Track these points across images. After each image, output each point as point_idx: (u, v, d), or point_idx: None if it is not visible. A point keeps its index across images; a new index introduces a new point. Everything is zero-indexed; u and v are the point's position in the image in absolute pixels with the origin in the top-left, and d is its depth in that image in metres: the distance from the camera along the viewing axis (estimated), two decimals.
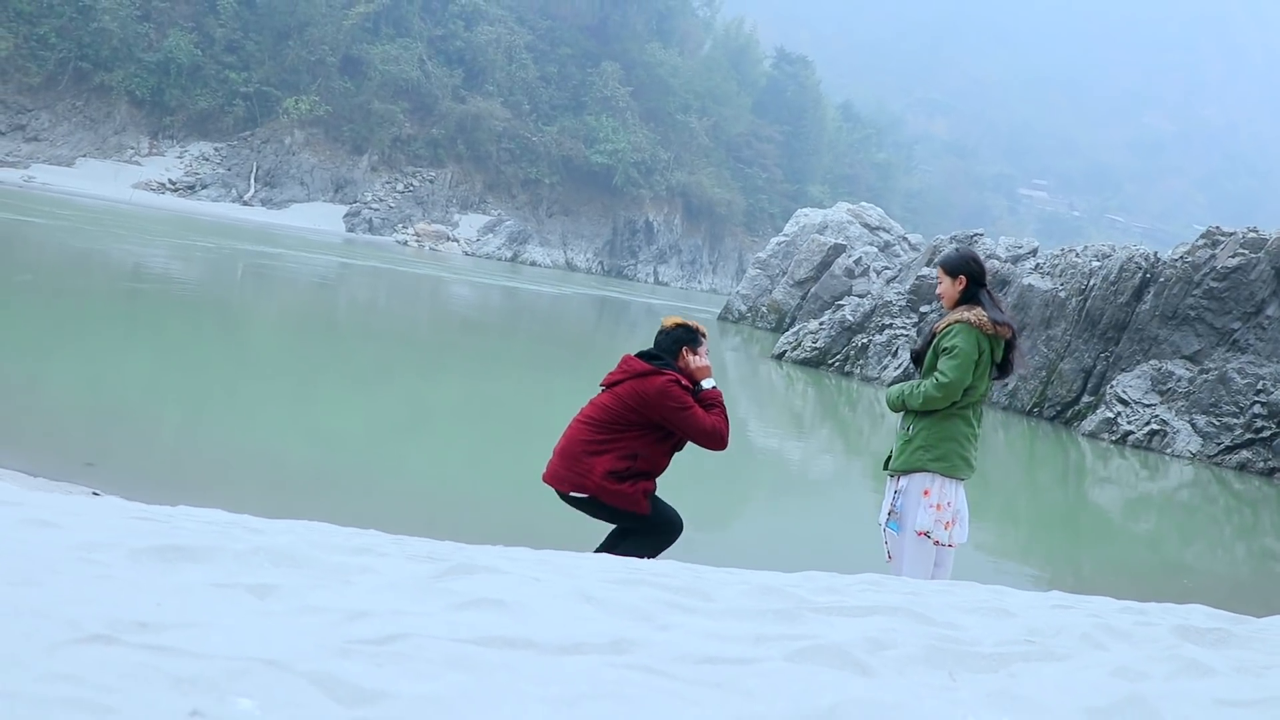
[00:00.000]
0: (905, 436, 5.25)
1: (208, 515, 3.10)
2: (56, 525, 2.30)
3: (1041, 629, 2.37)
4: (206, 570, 2.10)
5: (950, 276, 5.39)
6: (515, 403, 16.05)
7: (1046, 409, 22.52)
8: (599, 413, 5.47)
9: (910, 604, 2.49)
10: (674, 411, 5.32)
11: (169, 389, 12.27)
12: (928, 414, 5.20)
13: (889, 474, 5.36)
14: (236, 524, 2.94)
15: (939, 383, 5.09)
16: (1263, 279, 20.00)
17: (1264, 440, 18.62)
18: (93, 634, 1.54)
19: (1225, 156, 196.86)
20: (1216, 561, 13.14)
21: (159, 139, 67.18)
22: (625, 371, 5.54)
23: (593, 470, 5.32)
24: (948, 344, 5.16)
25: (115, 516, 2.73)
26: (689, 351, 5.59)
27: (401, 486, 9.44)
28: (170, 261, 30.05)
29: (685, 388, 5.41)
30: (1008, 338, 5.32)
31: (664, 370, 5.43)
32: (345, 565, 2.31)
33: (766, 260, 44.07)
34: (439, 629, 1.81)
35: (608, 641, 1.85)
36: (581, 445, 5.42)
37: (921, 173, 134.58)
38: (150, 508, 3.12)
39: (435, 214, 73.23)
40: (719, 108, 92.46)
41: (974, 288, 5.35)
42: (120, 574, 1.96)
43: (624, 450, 5.34)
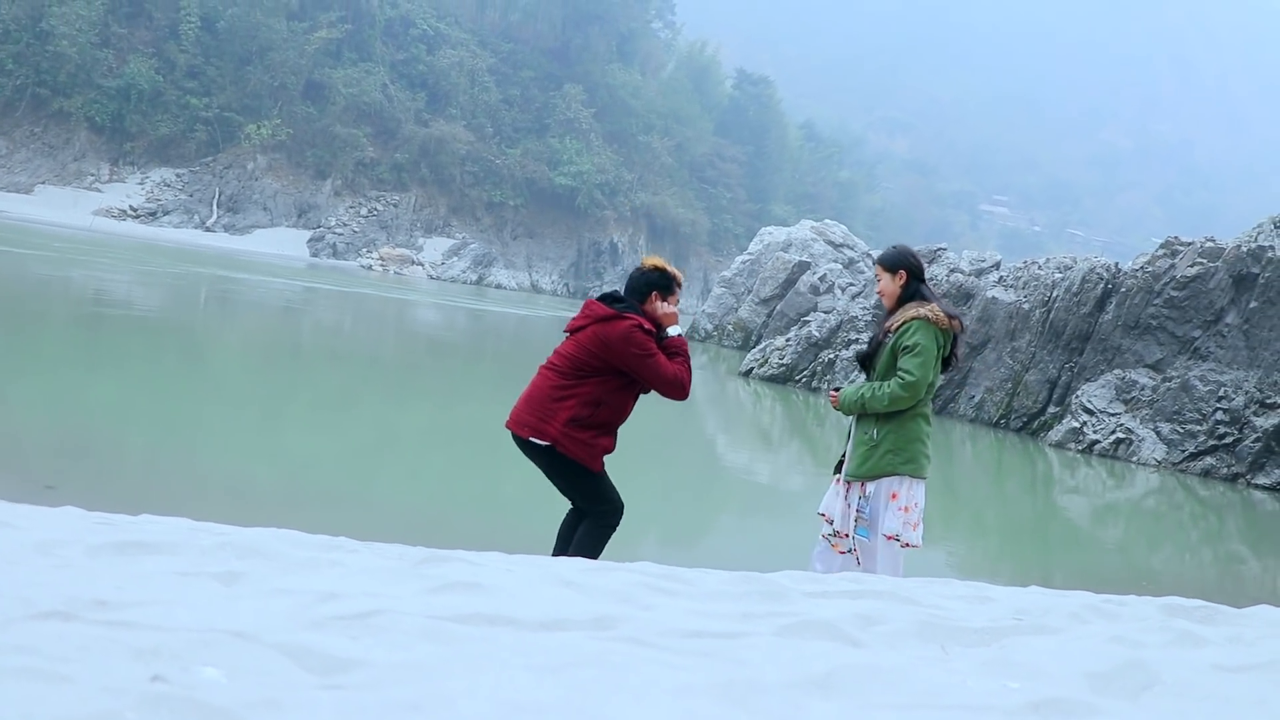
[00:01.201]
0: (869, 441, 5.13)
1: (172, 521, 3.01)
2: (13, 526, 2.22)
3: (1029, 609, 2.34)
4: (169, 561, 2.02)
5: (890, 273, 5.33)
6: (482, 425, 15.94)
7: (1013, 420, 22.66)
8: (562, 360, 5.35)
9: (895, 590, 2.45)
10: (636, 359, 5.17)
11: (132, 413, 12.08)
12: (891, 416, 5.09)
13: (849, 479, 5.24)
14: (201, 529, 2.85)
15: (905, 382, 5.00)
16: (1221, 287, 20.25)
17: (1227, 446, 18.81)
18: (49, 610, 1.46)
19: (1181, 171, 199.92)
20: (1184, 566, 13.23)
21: (120, 165, 66.52)
22: (588, 316, 5.40)
23: (555, 416, 5.20)
24: (909, 342, 5.07)
25: (75, 520, 2.64)
26: (658, 296, 5.45)
27: (370, 507, 9.32)
28: (133, 288, 29.70)
29: (649, 333, 5.27)
30: (958, 331, 5.29)
31: (627, 315, 5.28)
32: (315, 559, 2.24)
33: (732, 279, 44.18)
34: (415, 607, 1.74)
35: (590, 619, 1.79)
36: (546, 392, 5.31)
37: (883, 190, 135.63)
38: (111, 515, 3.02)
39: (399, 238, 72.92)
40: (682, 128, 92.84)
41: (914, 282, 5.31)
42: (79, 564, 1.88)
43: (586, 396, 5.21)
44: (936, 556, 12.32)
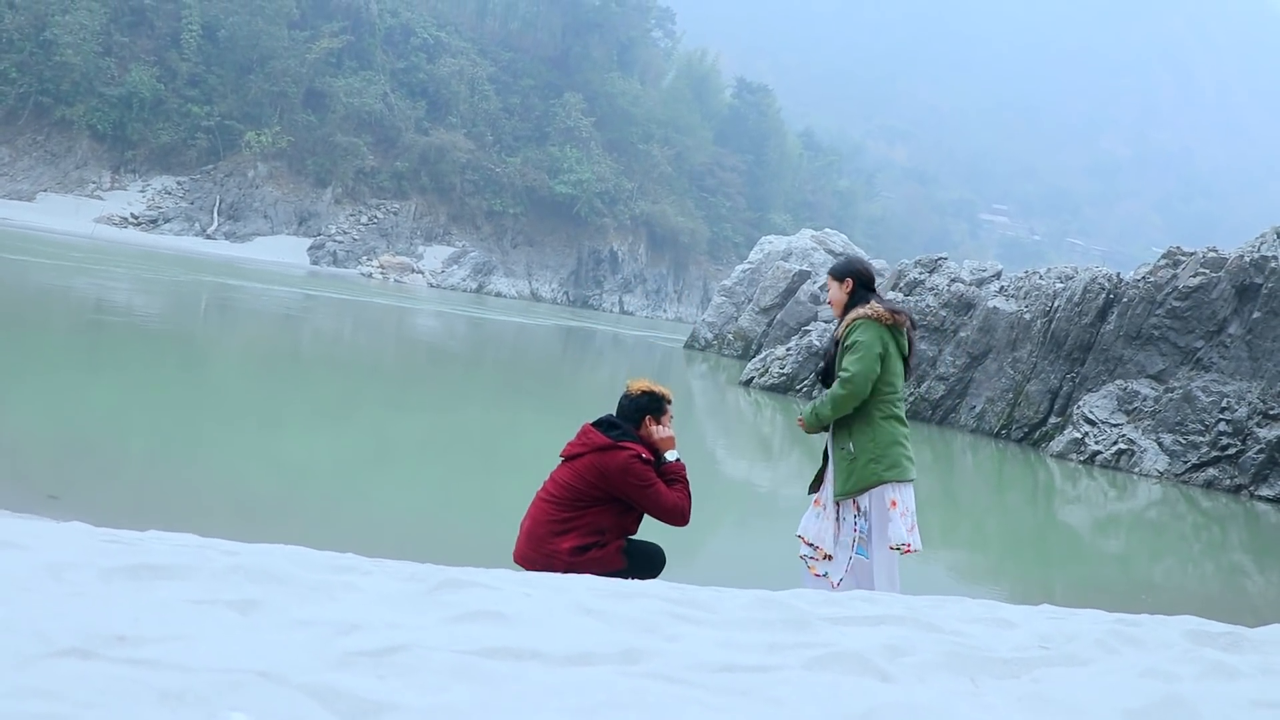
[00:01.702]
0: (848, 456, 5.04)
1: (179, 539, 2.98)
2: (22, 546, 2.18)
3: (1052, 635, 2.31)
4: (183, 586, 1.99)
5: (838, 281, 5.31)
6: (483, 434, 15.90)
7: (1014, 431, 22.62)
8: (560, 490, 5.29)
9: (913, 614, 2.42)
10: (636, 489, 5.13)
11: (134, 422, 12.04)
12: (863, 425, 5.01)
13: (839, 499, 5.13)
14: (210, 546, 2.82)
15: (842, 379, 4.95)
16: (1224, 298, 20.23)
17: (1230, 458, 18.77)
18: (67, 648, 1.43)
19: (1180, 180, 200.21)
20: (1187, 578, 13.18)
21: (121, 173, 66.66)
22: (585, 445, 5.33)
23: (559, 551, 5.15)
24: (849, 340, 5.04)
25: (83, 538, 2.61)
26: (652, 421, 5.39)
27: (372, 516, 9.28)
28: (133, 295, 29.68)
29: (647, 462, 5.22)
30: (906, 327, 5.20)
31: (625, 444, 5.23)
32: (329, 582, 2.21)
33: (732, 288, 44.19)
34: (439, 640, 1.71)
35: (617, 651, 1.76)
36: (546, 526, 5.24)
37: (883, 199, 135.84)
38: (118, 532, 2.99)
39: (399, 246, 73.00)
40: (681, 137, 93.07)
41: (862, 291, 5.26)
42: (93, 591, 1.85)
43: (589, 527, 5.17)
44: (938, 568, 12.29)
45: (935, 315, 25.28)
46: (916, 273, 27.13)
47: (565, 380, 27.34)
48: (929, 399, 24.33)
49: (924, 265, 27.57)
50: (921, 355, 24.87)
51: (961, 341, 24.50)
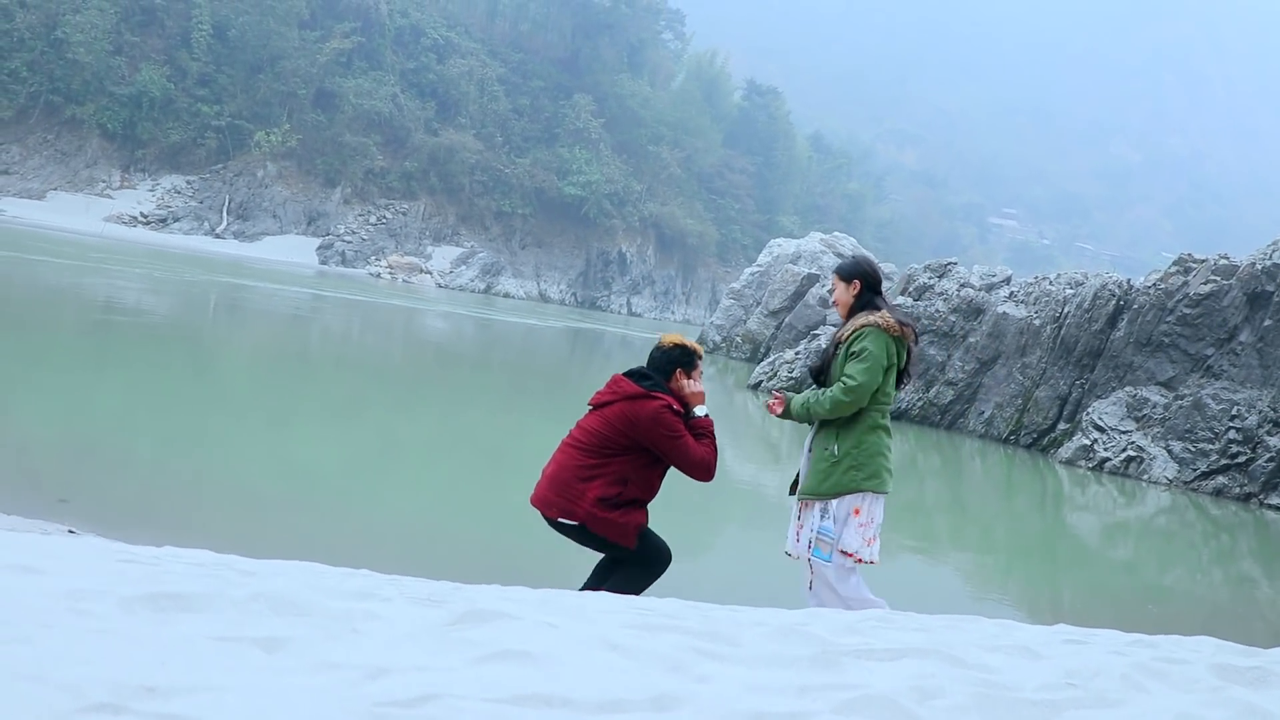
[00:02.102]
0: (830, 458, 4.98)
1: (194, 556, 2.97)
2: (40, 571, 2.17)
3: (1078, 670, 2.29)
4: (207, 621, 1.98)
5: (845, 282, 5.25)
6: (490, 436, 15.90)
7: (1023, 436, 22.56)
8: (587, 437, 5.27)
9: (934, 643, 2.40)
10: (665, 439, 5.12)
11: (143, 422, 12.07)
12: (850, 430, 4.98)
13: (805, 496, 5.08)
14: (226, 565, 2.81)
15: (847, 386, 4.88)
16: (1235, 305, 20.16)
17: (1239, 466, 18.70)
18: (98, 703, 1.42)
19: (1191, 184, 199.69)
20: (1195, 586, 13.14)
21: (131, 172, 66.86)
22: (615, 393, 5.32)
23: (583, 496, 5.12)
24: (856, 348, 4.97)
25: (99, 559, 2.60)
26: (682, 374, 5.39)
27: (380, 518, 9.28)
28: (143, 294, 29.75)
29: (677, 413, 5.21)
30: (911, 340, 5.14)
31: (656, 394, 5.22)
32: (350, 611, 2.19)
33: (740, 290, 44.14)
34: (468, 687, 1.70)
35: (648, 698, 1.74)
36: (571, 471, 5.22)
37: (892, 202, 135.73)
38: (134, 548, 2.98)
39: (408, 246, 73.08)
40: (691, 139, 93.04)
41: (868, 293, 5.19)
42: (116, 626, 1.83)
43: (614, 475, 5.14)
44: (948, 571, 12.27)
45: (944, 320, 25.22)
46: (926, 277, 27.07)
47: (573, 382, 27.33)
48: (938, 404, 24.29)
49: (933, 270, 27.51)
50: (930, 360, 24.83)
51: (970, 347, 24.45)
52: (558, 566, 8.48)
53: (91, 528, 6.70)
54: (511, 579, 8.36)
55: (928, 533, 14.73)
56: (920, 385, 24.77)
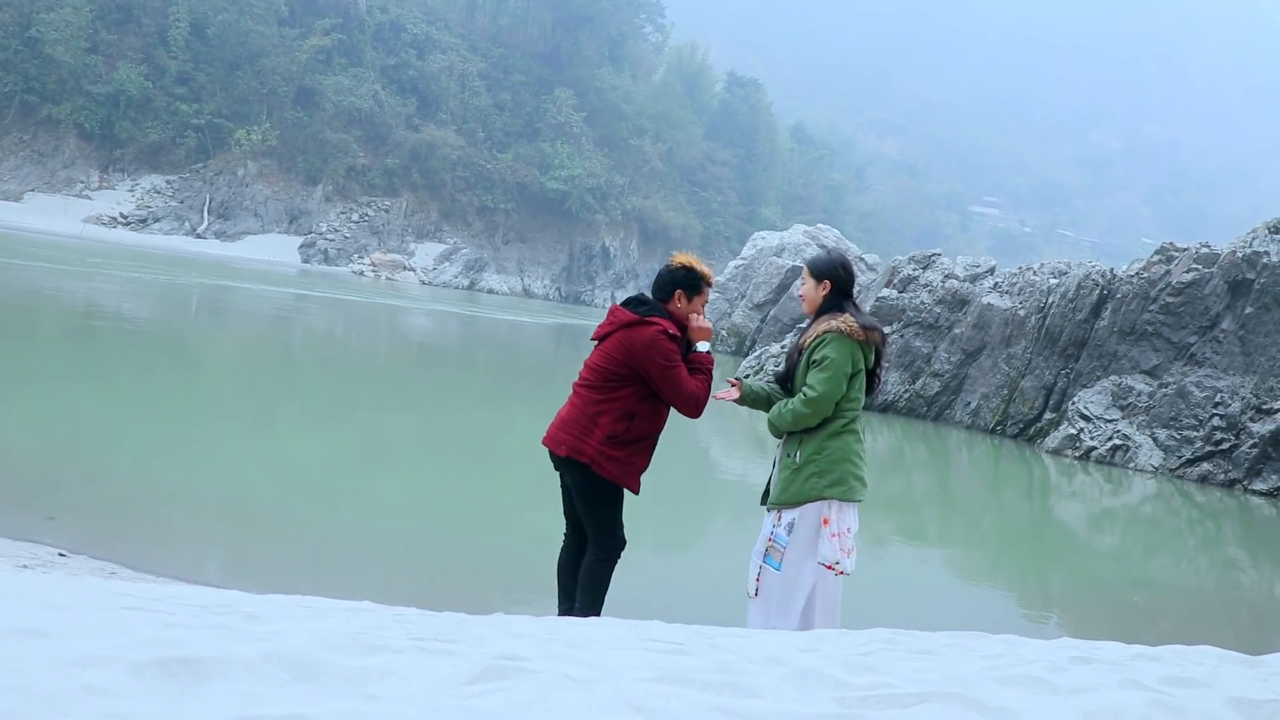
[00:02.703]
0: (792, 465, 4.82)
1: (197, 597, 2.91)
2: (45, 634, 2.11)
3: (1097, 712, 2.24)
4: (222, 697, 1.92)
5: (815, 279, 5.08)
6: (476, 435, 15.85)
7: (1009, 427, 22.63)
8: (592, 374, 5.17)
9: (949, 683, 2.35)
10: (659, 368, 4.95)
11: (126, 429, 11.98)
12: (813, 437, 4.80)
13: (771, 506, 4.93)
14: (230, 607, 2.75)
15: (808, 398, 4.72)
16: (1216, 293, 20.25)
17: (1224, 452, 18.80)
18: None
19: (1170, 172, 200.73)
20: (1181, 573, 13.21)
21: (109, 172, 66.35)
22: (612, 323, 5.17)
23: (591, 434, 5.04)
24: (818, 356, 4.81)
25: (102, 610, 2.53)
26: (683, 297, 5.18)
27: (371, 521, 9.23)
28: (124, 297, 29.55)
29: (675, 338, 5.04)
30: (878, 343, 4.96)
31: (652, 319, 5.06)
32: (364, 670, 2.13)
33: (725, 284, 44.14)
34: None
35: None
36: (580, 409, 5.14)
37: (874, 192, 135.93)
38: (134, 586, 2.92)
39: (391, 243, 72.84)
40: (673, 132, 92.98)
41: (838, 297, 5.02)
42: (128, 703, 1.77)
43: (620, 409, 5.03)
44: (934, 563, 12.30)
45: (929, 312, 25.26)
46: (910, 269, 27.10)
47: (559, 379, 27.27)
48: (924, 395, 24.33)
49: (917, 261, 27.54)
50: (916, 352, 24.87)
51: (956, 338, 24.50)
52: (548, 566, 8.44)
53: (81, 546, 6.65)
54: (501, 575, 8.33)
55: (916, 524, 14.76)
56: (906, 377, 24.81)
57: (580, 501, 5.17)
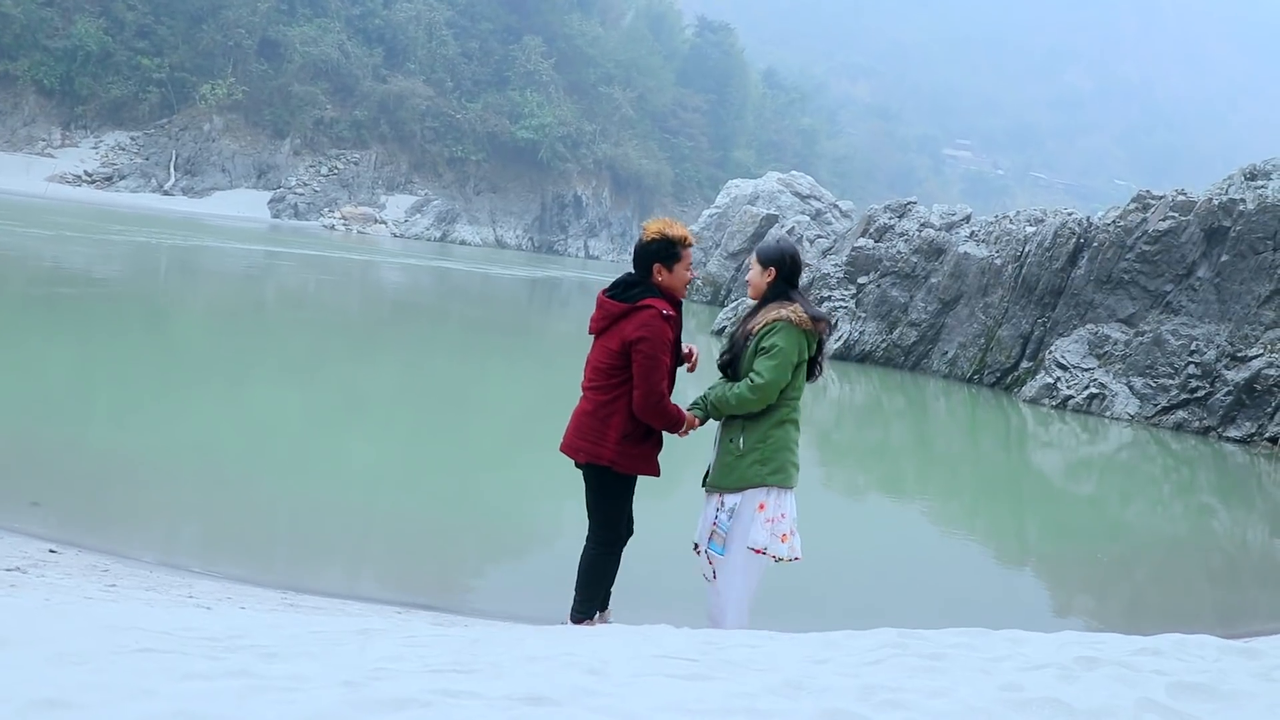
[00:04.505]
0: (735, 451, 4.86)
1: (206, 627, 2.83)
2: (68, 705, 2.05)
3: None
4: None
5: (762, 266, 5.06)
6: (453, 389, 15.77)
7: (986, 376, 22.75)
8: (596, 375, 5.09)
9: (971, 715, 2.34)
10: (643, 355, 4.87)
11: (100, 399, 11.83)
12: (757, 424, 4.86)
13: (711, 489, 4.97)
14: (243, 638, 2.67)
15: (755, 384, 4.77)
16: (1193, 241, 20.32)
17: (1199, 400, 18.97)
18: None
19: (1143, 112, 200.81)
20: (1157, 519, 13.39)
21: (71, 129, 65.13)
22: (605, 316, 5.08)
23: (605, 437, 4.99)
24: (766, 343, 4.83)
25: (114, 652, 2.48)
26: (661, 269, 5.04)
27: (353, 482, 9.16)
28: (92, 258, 29.13)
29: (669, 318, 4.94)
30: (822, 333, 5.01)
31: (643, 302, 4.97)
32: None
33: (699, 233, 43.91)
34: None
35: None
36: (591, 411, 5.07)
37: (846, 136, 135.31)
38: (140, 615, 2.87)
39: (361, 196, 72.09)
40: (643, 78, 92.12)
41: (782, 285, 5.02)
42: None
43: (630, 406, 4.97)
44: (914, 514, 12.40)
45: (906, 261, 25.27)
46: (886, 218, 27.07)
47: (533, 330, 27.21)
48: (901, 345, 24.41)
49: (893, 210, 27.50)
50: (893, 301, 24.91)
51: (933, 288, 24.53)
52: (521, 515, 8.45)
53: (68, 535, 6.60)
54: (484, 537, 8.31)
55: (895, 474, 14.86)
56: (883, 327, 24.87)
57: (594, 495, 5.14)
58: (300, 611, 4.96)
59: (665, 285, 5.04)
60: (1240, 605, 9.69)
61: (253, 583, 6.27)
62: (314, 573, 6.97)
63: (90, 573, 5.34)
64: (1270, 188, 19.79)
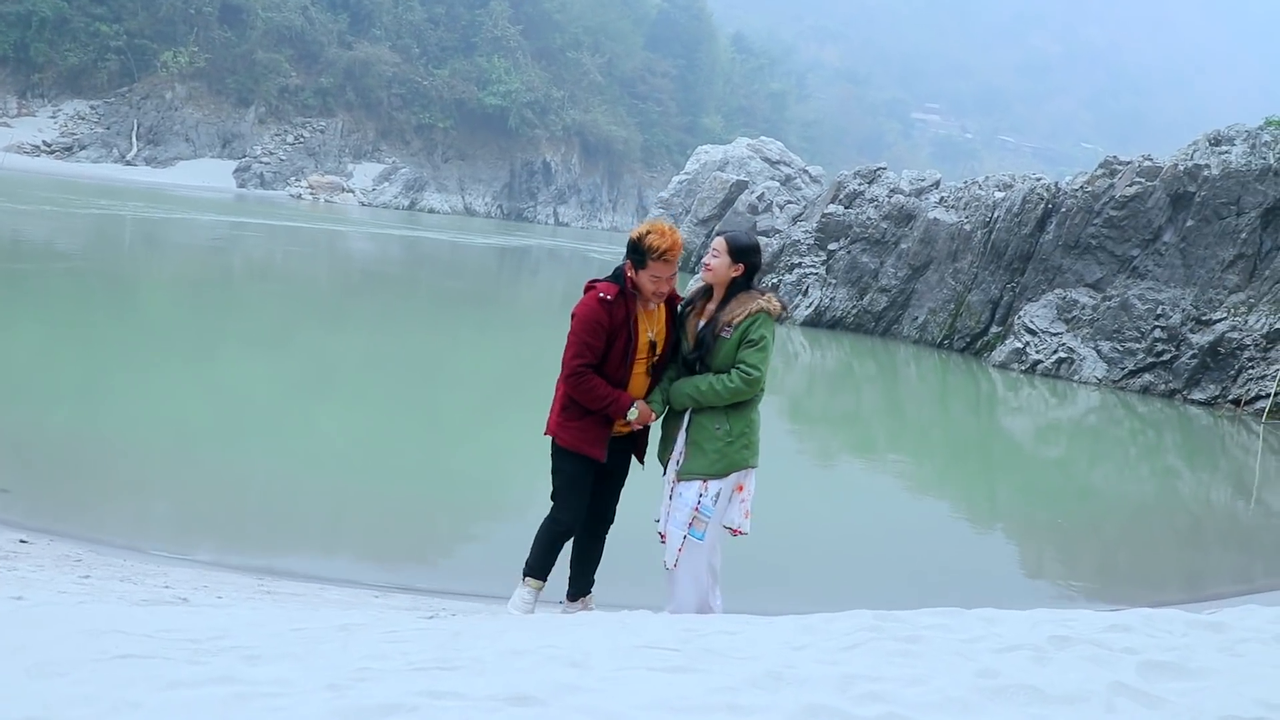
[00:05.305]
0: (724, 437, 4.87)
1: (187, 627, 2.80)
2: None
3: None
4: None
5: (731, 258, 4.98)
6: (429, 362, 15.72)
7: (956, 341, 22.90)
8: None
9: (950, 706, 2.36)
10: (569, 334, 4.85)
11: (65, 377, 11.68)
12: (742, 410, 4.92)
13: (701, 476, 4.88)
14: (224, 639, 2.65)
15: (750, 377, 4.82)
16: (1159, 206, 20.47)
17: (1164, 363, 19.19)
18: None
19: (1109, 75, 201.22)
20: (1124, 481, 13.56)
21: (28, 98, 63.89)
22: None
23: (553, 409, 5.03)
24: (754, 335, 4.88)
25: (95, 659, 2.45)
26: (630, 266, 4.91)
27: (323, 452, 9.13)
28: (53, 231, 28.71)
29: (605, 302, 4.84)
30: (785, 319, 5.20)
31: (589, 285, 4.97)
32: None
33: (669, 199, 43.84)
34: None
35: None
36: (556, 391, 5.09)
37: (815, 101, 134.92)
38: (120, 614, 2.85)
39: (328, 165, 71.35)
40: (611, 44, 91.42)
41: (745, 280, 5.02)
42: None
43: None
44: (887, 477, 12.51)
45: (876, 227, 25.33)
46: (856, 184, 27.09)
47: (503, 300, 27.11)
48: (871, 311, 24.50)
49: (863, 176, 27.53)
50: (863, 267, 24.99)
51: (903, 253, 24.61)
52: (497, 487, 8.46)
53: (38, 522, 6.54)
54: (458, 512, 8.30)
55: (866, 438, 14.97)
56: (854, 293, 24.95)
57: (551, 467, 5.14)
58: (278, 600, 4.94)
59: (634, 283, 4.96)
60: (1205, 567, 9.86)
61: (228, 567, 6.23)
62: (289, 554, 6.95)
63: (63, 564, 5.30)
64: (1234, 153, 19.95)
